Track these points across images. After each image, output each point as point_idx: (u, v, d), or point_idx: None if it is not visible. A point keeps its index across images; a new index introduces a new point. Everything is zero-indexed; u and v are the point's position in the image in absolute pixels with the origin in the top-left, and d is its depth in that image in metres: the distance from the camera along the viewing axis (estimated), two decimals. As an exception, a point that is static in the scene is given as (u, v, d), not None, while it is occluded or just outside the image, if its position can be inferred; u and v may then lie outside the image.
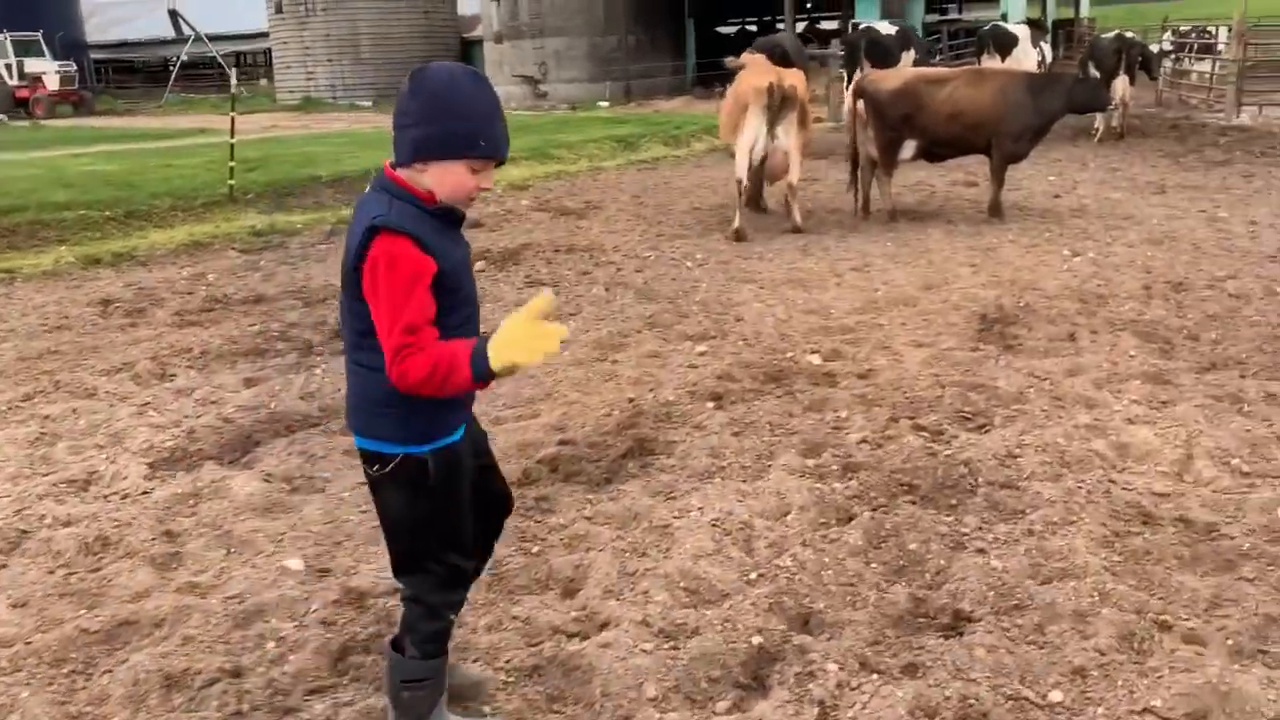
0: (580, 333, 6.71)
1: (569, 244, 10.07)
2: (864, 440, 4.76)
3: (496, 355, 2.24)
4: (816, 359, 6.08)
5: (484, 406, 5.33)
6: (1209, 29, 24.45)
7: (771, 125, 10.18)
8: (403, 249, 2.32)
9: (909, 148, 10.71)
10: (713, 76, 28.77)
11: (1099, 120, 17.74)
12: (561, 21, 34.50)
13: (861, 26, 24.24)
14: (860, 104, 10.79)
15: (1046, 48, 19.59)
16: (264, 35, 44.96)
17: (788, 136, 10.24)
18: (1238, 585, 3.40)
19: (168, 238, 10.81)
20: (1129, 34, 18.51)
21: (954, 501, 4.10)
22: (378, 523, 2.69)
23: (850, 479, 4.35)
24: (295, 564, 3.75)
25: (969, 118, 10.37)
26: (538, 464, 4.47)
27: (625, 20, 34.18)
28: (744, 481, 4.34)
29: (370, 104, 38.94)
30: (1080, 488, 4.14)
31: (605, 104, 32.86)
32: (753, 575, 3.51)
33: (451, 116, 2.35)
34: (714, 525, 3.84)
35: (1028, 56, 17.91)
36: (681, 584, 3.42)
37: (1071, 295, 7.48)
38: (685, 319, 7.17)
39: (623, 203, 12.63)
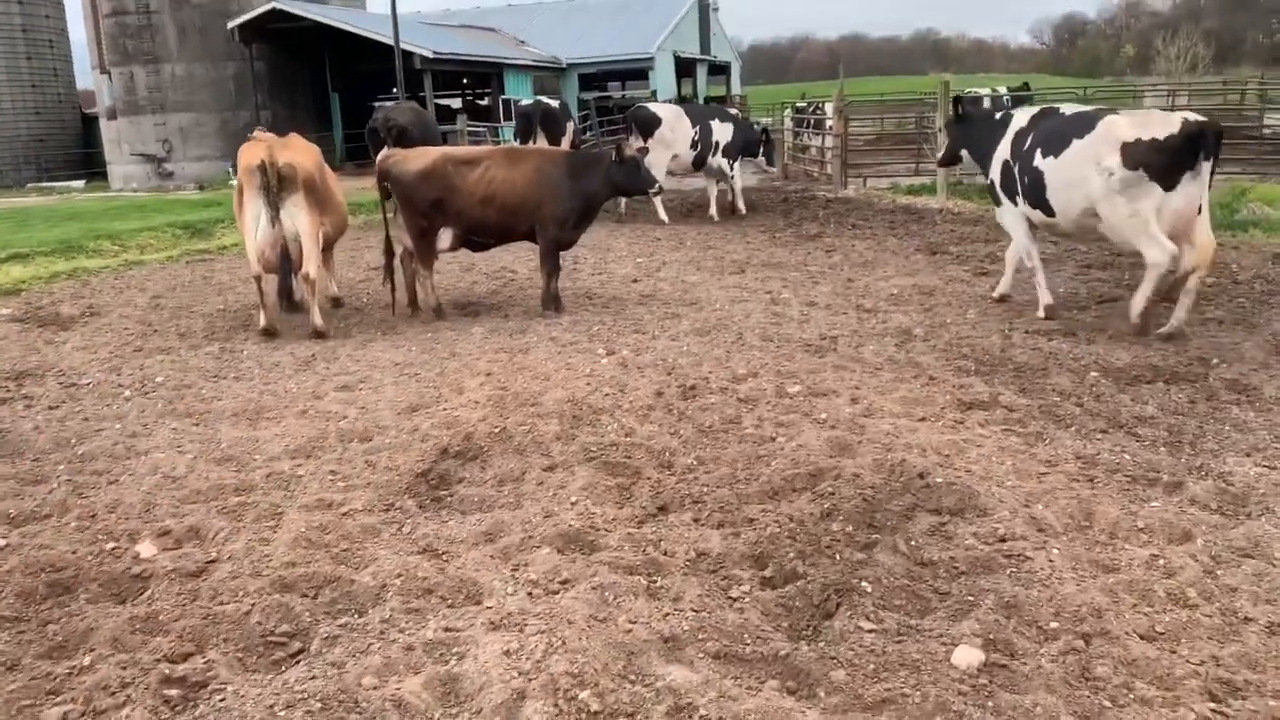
0: None
1: (6, 369, 7.90)
2: (59, 720, 3.13)
3: None
4: (150, 549, 4.42)
5: None
6: (822, 105, 25.62)
7: (274, 208, 8.60)
8: None
9: (445, 236, 9.43)
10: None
11: (713, 198, 17.49)
12: (186, 96, 31.61)
13: (526, 101, 23.39)
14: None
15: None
16: None
17: (295, 221, 8.68)
18: None
19: None
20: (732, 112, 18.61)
21: None
22: None
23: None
24: None
25: (504, 201, 9.23)
26: None
27: (259, 95, 31.77)
28: None
29: (-35, 188, 34.01)
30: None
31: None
32: None
33: None
34: None
35: (676, 136, 16.25)
36: None
37: (566, 412, 6.30)
38: (36, 484, 5.30)
39: (137, 305, 10.54)
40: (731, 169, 17.07)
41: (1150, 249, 7.57)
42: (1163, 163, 7.42)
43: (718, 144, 16.67)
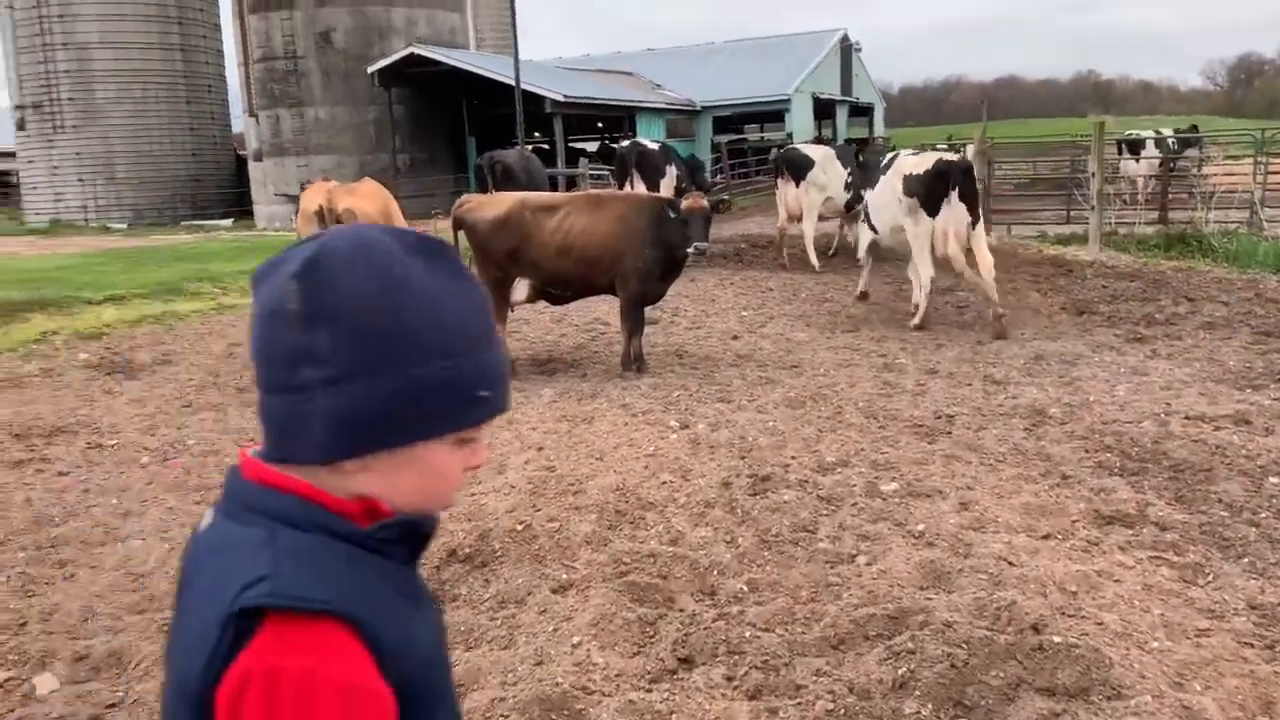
0: None
1: (47, 424, 7.47)
2: None
3: None
4: (50, 683, 3.64)
5: None
6: (965, 147, 24.06)
7: (332, 260, 7.97)
8: (327, 666, 0.98)
9: (521, 288, 8.65)
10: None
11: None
12: (328, 139, 32.35)
13: (626, 141, 22.74)
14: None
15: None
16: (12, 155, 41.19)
17: (355, 273, 8.03)
18: None
19: None
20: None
21: None
22: None
23: None
24: None
25: (584, 251, 8.39)
26: None
27: (397, 138, 32.28)
28: None
29: (125, 225, 35.73)
30: None
31: (372, 224, 30.61)
32: None
33: (418, 352, 1.06)
34: None
35: (830, 178, 15.75)
36: None
37: (609, 504, 5.33)
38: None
39: (211, 354, 10.13)
40: None
41: (922, 266, 10.15)
42: (924, 192, 9.77)
43: None
